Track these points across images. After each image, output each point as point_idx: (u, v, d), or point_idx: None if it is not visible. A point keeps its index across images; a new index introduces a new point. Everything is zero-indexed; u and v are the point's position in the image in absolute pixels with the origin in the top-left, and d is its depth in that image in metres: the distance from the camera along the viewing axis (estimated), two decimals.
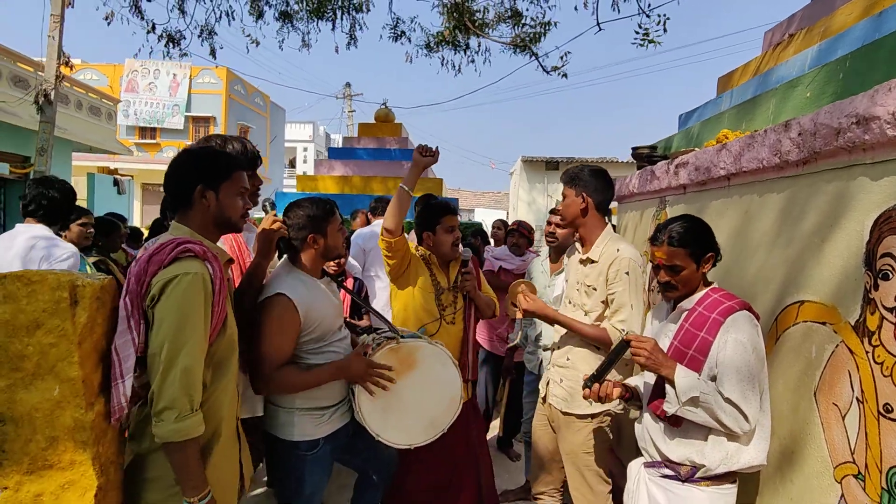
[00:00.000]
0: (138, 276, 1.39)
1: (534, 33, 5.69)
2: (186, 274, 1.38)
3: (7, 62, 9.97)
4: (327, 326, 2.00)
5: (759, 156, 1.95)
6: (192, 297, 1.38)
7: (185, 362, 1.36)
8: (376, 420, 2.02)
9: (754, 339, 1.65)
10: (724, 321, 1.67)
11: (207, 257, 1.46)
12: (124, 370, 1.38)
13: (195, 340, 1.39)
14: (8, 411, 1.31)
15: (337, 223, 2.07)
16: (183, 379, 1.36)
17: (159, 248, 1.42)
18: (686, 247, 1.75)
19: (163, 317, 1.36)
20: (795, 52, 2.52)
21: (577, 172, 2.28)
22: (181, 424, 1.35)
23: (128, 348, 1.38)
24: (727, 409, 1.61)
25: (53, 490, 1.32)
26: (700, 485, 1.70)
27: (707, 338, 1.69)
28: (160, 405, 1.35)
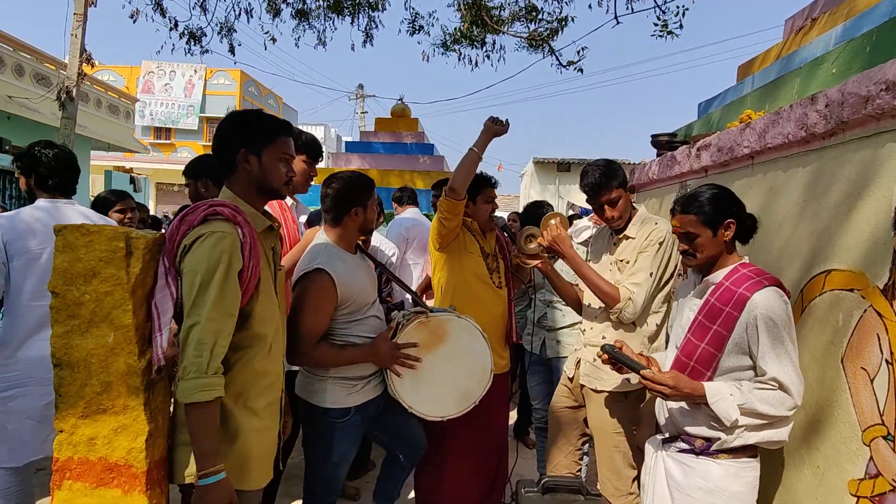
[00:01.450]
0: (171, 234, 1.43)
1: (551, 29, 5.74)
2: (213, 233, 1.38)
3: (31, 60, 10.20)
4: (363, 300, 2.05)
5: (785, 131, 1.98)
6: (216, 256, 1.36)
7: (204, 322, 1.34)
8: (409, 391, 2.06)
9: (784, 316, 1.61)
10: (750, 296, 1.62)
11: (238, 221, 1.45)
12: (162, 323, 1.42)
13: (217, 300, 1.36)
14: (65, 356, 1.37)
15: (375, 198, 2.15)
16: (201, 338, 1.33)
17: (192, 209, 1.45)
18: (698, 214, 1.72)
19: (189, 274, 1.37)
20: (819, 33, 2.55)
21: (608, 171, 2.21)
22: (194, 383, 1.32)
23: (166, 302, 1.42)
24: (768, 397, 1.58)
25: (106, 434, 1.38)
26: (717, 458, 1.66)
27: (732, 313, 1.65)
28: (181, 363, 1.35)
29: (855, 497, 1.57)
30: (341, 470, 2.13)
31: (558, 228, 2.27)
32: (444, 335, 2.12)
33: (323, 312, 1.93)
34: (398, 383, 2.05)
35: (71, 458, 1.38)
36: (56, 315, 1.36)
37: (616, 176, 2.21)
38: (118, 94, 13.73)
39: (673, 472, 1.74)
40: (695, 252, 1.75)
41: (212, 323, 1.35)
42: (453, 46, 6.94)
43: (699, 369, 1.71)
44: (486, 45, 6.32)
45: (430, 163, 6.75)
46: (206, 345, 1.34)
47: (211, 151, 1.62)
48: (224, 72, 24.80)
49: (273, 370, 1.59)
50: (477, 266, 2.53)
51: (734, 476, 1.66)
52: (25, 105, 9.61)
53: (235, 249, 1.40)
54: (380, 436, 2.30)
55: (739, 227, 1.75)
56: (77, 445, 1.38)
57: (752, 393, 1.60)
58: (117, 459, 1.38)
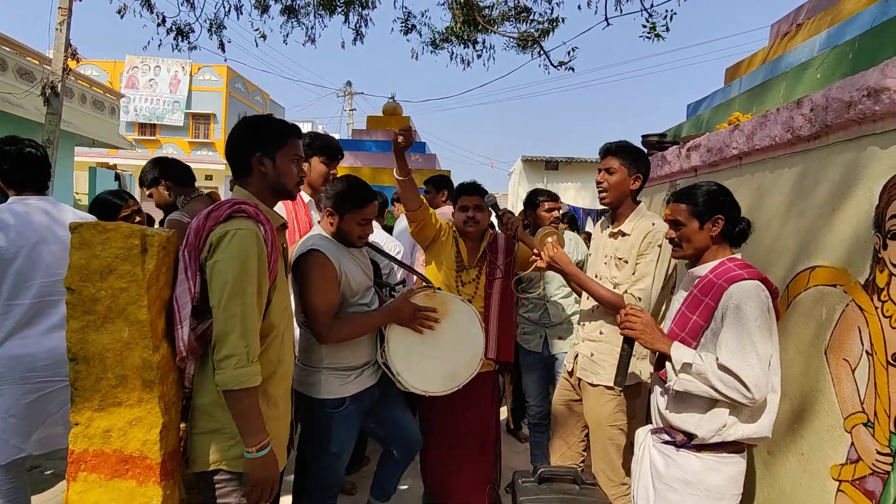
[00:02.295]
0: (197, 230, 1.48)
1: (542, 29, 5.81)
2: (241, 229, 1.46)
3: (13, 54, 10.02)
4: (356, 285, 2.10)
5: (772, 133, 2.07)
6: (247, 250, 1.44)
7: (243, 311, 1.42)
8: (400, 358, 2.11)
9: (756, 308, 1.58)
10: (728, 287, 1.63)
11: (260, 219, 1.52)
12: (182, 316, 1.48)
13: (251, 291, 1.45)
14: (80, 351, 1.40)
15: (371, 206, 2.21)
16: (241, 327, 1.41)
17: (217, 206, 1.51)
18: (688, 203, 1.75)
19: (221, 268, 1.43)
20: (804, 39, 2.65)
21: (636, 149, 2.25)
22: (240, 371, 1.40)
23: (185, 296, 1.47)
24: (724, 377, 1.58)
25: (121, 426, 1.42)
26: (698, 452, 1.69)
27: (710, 303, 1.67)
28: (222, 353, 1.41)
29: (837, 481, 1.66)
30: (341, 461, 2.18)
31: (555, 248, 2.28)
32: (446, 312, 2.20)
33: (330, 286, 2.00)
34: (393, 349, 2.11)
35: (86, 450, 1.42)
36: (72, 311, 1.39)
37: (627, 155, 2.22)
38: (103, 89, 13.53)
39: (656, 463, 1.78)
40: (680, 241, 1.79)
41: (251, 312, 1.44)
42: (442, 45, 6.99)
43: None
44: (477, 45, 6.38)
45: (423, 161, 6.79)
46: (250, 333, 1.43)
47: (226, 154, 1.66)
48: (210, 67, 24.52)
49: (286, 358, 1.67)
50: (447, 276, 2.55)
51: (713, 470, 1.67)
52: (9, 100, 9.44)
53: (262, 244, 1.49)
54: (376, 429, 2.35)
55: (730, 226, 1.77)
56: (92, 438, 1.41)
57: (710, 363, 1.61)
58: (132, 451, 1.42)
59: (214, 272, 1.44)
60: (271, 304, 1.58)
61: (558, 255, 2.26)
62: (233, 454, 1.51)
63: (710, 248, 1.78)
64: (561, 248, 2.30)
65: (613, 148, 2.27)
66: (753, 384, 1.55)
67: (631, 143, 2.29)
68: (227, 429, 1.50)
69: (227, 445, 1.51)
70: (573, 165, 17.95)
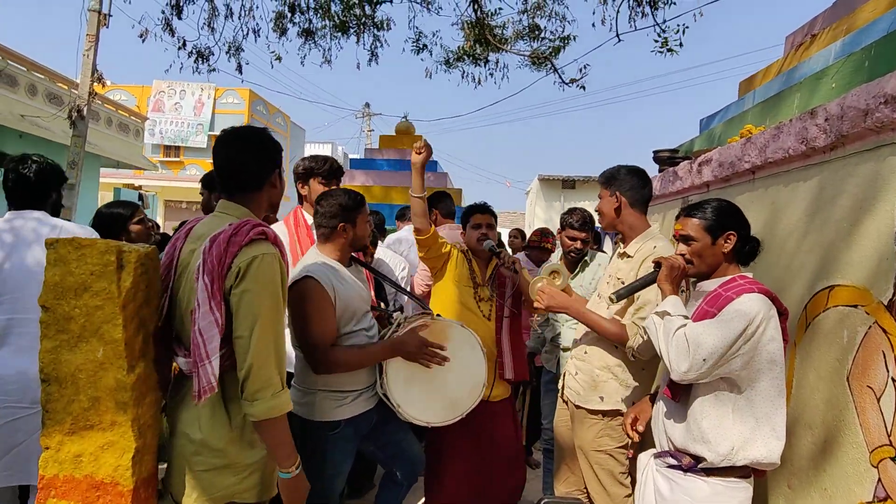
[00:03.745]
0: (219, 256, 1.37)
1: (553, 47, 5.79)
2: (266, 254, 1.41)
3: (44, 80, 10.41)
4: (353, 310, 2.04)
5: (785, 145, 1.96)
6: (275, 277, 1.42)
7: (276, 341, 1.39)
8: (399, 391, 2.04)
9: (752, 313, 1.54)
10: (736, 298, 1.59)
11: (278, 242, 1.49)
12: (210, 350, 1.36)
13: (281, 319, 1.43)
14: (53, 372, 1.35)
15: (366, 214, 2.16)
16: (276, 357, 1.39)
17: (237, 229, 1.41)
18: (700, 218, 1.72)
19: (251, 298, 1.37)
20: (819, 49, 2.55)
21: (612, 172, 2.27)
22: (277, 401, 1.39)
23: (211, 329, 1.35)
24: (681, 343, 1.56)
25: (93, 451, 1.36)
26: (706, 476, 1.62)
27: (714, 312, 1.63)
28: (255, 386, 1.36)
29: None
30: (336, 484, 2.11)
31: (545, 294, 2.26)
32: (446, 339, 2.12)
33: (326, 314, 1.93)
34: (392, 380, 2.03)
35: (56, 475, 1.36)
36: (45, 330, 1.35)
37: (609, 179, 2.25)
38: (128, 112, 13.95)
39: (661, 488, 1.71)
40: (692, 259, 1.74)
41: (282, 340, 1.43)
42: (455, 64, 7.03)
43: None
44: (489, 63, 6.39)
45: (434, 179, 6.79)
46: (281, 362, 1.43)
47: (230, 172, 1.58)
48: (233, 91, 25.17)
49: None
50: (464, 294, 2.56)
51: (721, 495, 1.61)
52: (37, 123, 9.78)
53: (283, 269, 1.47)
54: (376, 452, 2.27)
55: (741, 244, 1.72)
56: (63, 463, 1.36)
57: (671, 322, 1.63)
58: (103, 477, 1.36)
59: (243, 301, 1.37)
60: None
61: (550, 300, 2.26)
62: (245, 486, 1.48)
63: (721, 265, 1.74)
64: (553, 291, 2.29)
65: (600, 177, 2.32)
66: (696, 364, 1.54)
67: (616, 167, 2.29)
68: (238, 463, 1.47)
69: (238, 479, 1.47)
70: (591, 184, 17.82)
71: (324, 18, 6.84)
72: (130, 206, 2.90)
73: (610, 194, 2.23)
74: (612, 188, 2.23)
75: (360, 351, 2.01)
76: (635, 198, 2.22)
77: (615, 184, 2.23)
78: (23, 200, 2.12)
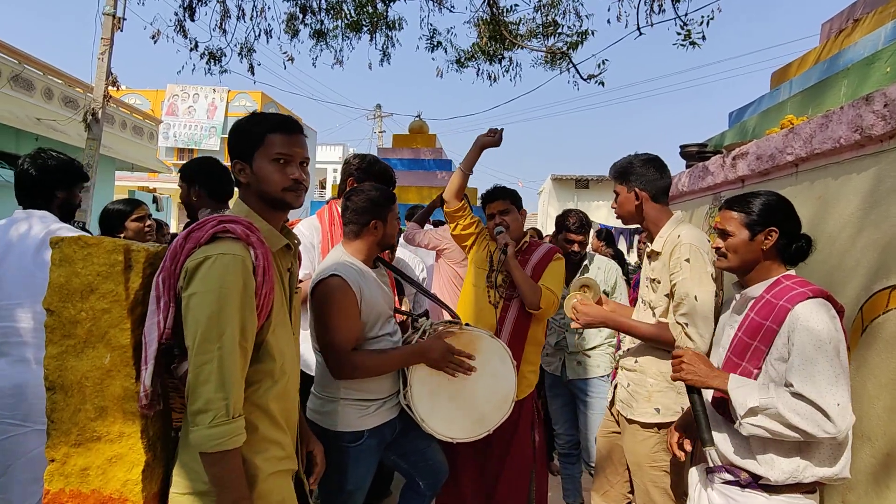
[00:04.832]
0: (174, 253, 1.25)
1: (570, 43, 5.66)
2: (223, 255, 1.21)
3: (60, 83, 10.49)
4: (377, 314, 1.93)
5: (836, 135, 1.82)
6: (229, 281, 1.20)
7: (220, 356, 1.17)
8: (424, 403, 1.92)
9: (829, 329, 1.42)
10: (792, 308, 1.47)
11: (251, 241, 1.27)
12: (147, 356, 1.24)
13: (232, 332, 1.19)
14: (58, 379, 1.27)
15: (396, 212, 2.06)
16: (218, 375, 1.17)
17: (200, 225, 1.27)
18: (741, 211, 1.61)
19: (196, 303, 1.19)
20: (865, 33, 2.40)
21: (625, 165, 2.12)
22: (216, 431, 1.16)
23: (152, 332, 1.23)
24: (800, 407, 1.38)
25: (100, 464, 1.27)
26: (767, 493, 1.50)
27: (772, 327, 1.50)
28: (195, 406, 1.18)
29: None
30: (357, 498, 2.00)
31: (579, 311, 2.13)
32: (475, 351, 1.99)
33: (350, 316, 1.82)
34: (416, 392, 1.92)
35: (62, 490, 1.27)
36: (50, 335, 1.27)
37: (623, 173, 2.11)
38: (142, 115, 14.05)
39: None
40: (725, 252, 1.65)
41: (231, 358, 1.19)
42: (467, 63, 6.92)
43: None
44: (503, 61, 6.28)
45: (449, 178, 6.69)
46: (229, 383, 1.18)
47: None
48: (245, 94, 25.35)
49: (284, 406, 1.41)
50: (478, 277, 2.51)
51: None
52: (53, 127, 9.85)
53: (249, 273, 1.24)
54: (399, 462, 2.16)
55: (785, 242, 1.60)
56: (69, 476, 1.27)
57: (779, 393, 1.42)
58: (111, 492, 1.27)
59: (189, 307, 1.20)
60: (266, 345, 1.32)
61: (586, 318, 2.13)
62: None
63: (760, 263, 1.62)
64: (588, 305, 2.16)
65: (611, 171, 2.18)
66: (835, 413, 1.36)
67: (629, 158, 2.13)
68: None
69: None
70: (604, 184, 17.59)
71: (336, 18, 6.78)
72: (134, 203, 2.82)
73: (627, 190, 2.08)
74: (629, 183, 2.08)
75: (383, 355, 1.90)
76: (656, 189, 2.06)
77: (632, 178, 2.08)
78: (26, 199, 2.02)
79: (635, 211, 2.09)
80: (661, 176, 2.10)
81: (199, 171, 2.28)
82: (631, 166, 2.10)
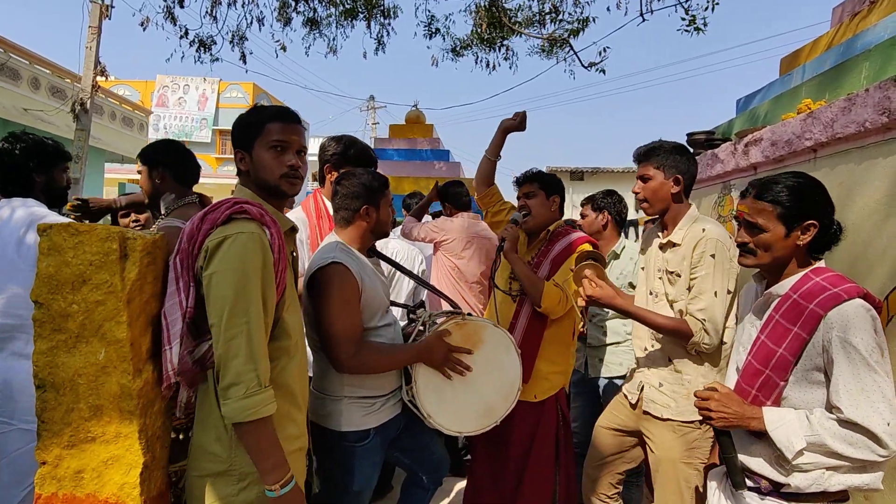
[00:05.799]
0: (191, 234, 1.27)
1: (571, 29, 5.57)
2: (241, 233, 1.25)
3: (47, 73, 10.26)
4: (377, 304, 1.86)
5: (860, 118, 1.76)
6: (250, 258, 1.24)
7: (248, 330, 1.21)
8: (430, 398, 1.85)
9: (870, 338, 1.27)
10: (824, 315, 1.30)
11: (265, 221, 1.32)
12: (172, 335, 1.25)
13: (257, 306, 1.24)
14: (49, 377, 1.18)
15: (389, 198, 1.97)
16: (248, 348, 1.21)
17: (215, 206, 1.30)
18: (775, 204, 1.39)
19: (219, 280, 1.22)
20: (883, 15, 2.34)
21: (665, 150, 1.98)
22: (249, 401, 1.20)
23: (175, 311, 1.25)
24: (850, 436, 1.26)
25: (95, 466, 1.19)
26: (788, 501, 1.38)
27: (801, 334, 1.34)
28: (226, 381, 1.21)
29: None
30: (363, 498, 1.93)
31: (600, 286, 1.99)
32: (478, 342, 1.92)
33: (352, 307, 1.74)
34: (422, 388, 1.85)
35: (55, 494, 1.19)
36: (39, 329, 1.18)
37: (660, 156, 1.97)
38: (132, 106, 13.81)
39: None
40: (755, 250, 1.45)
41: (258, 331, 1.24)
42: (462, 52, 6.82)
43: (761, 399, 1.42)
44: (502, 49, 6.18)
45: (446, 169, 6.58)
46: (258, 354, 1.23)
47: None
48: (237, 85, 25.01)
49: (299, 384, 1.45)
50: (503, 267, 2.37)
51: None
52: (41, 117, 9.64)
53: (268, 250, 1.29)
54: (400, 458, 2.10)
55: (821, 234, 1.40)
56: (62, 480, 1.19)
57: (823, 424, 1.29)
58: (108, 496, 1.19)
59: (212, 285, 1.23)
60: (282, 322, 1.37)
61: (598, 291, 1.98)
62: (242, 499, 1.29)
63: (792, 259, 1.43)
64: (602, 282, 2.01)
65: (644, 152, 2.01)
66: (888, 434, 1.23)
67: (667, 142, 2.01)
68: (234, 470, 1.29)
69: (235, 490, 1.29)
70: (599, 175, 17.56)
71: (329, 6, 6.64)
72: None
73: (665, 176, 1.95)
74: (668, 169, 1.95)
75: (388, 351, 1.83)
76: (691, 180, 1.98)
77: (670, 163, 1.95)
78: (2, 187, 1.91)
79: (670, 198, 1.97)
80: (694, 166, 2.01)
81: (162, 150, 2.10)
82: (671, 152, 1.97)
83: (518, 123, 2.47)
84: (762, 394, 1.41)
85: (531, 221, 2.34)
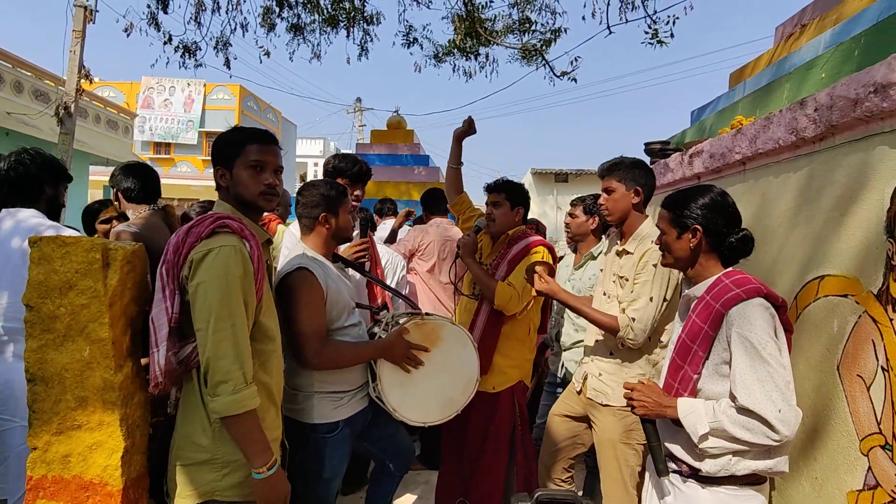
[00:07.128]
0: (176, 246, 1.39)
1: (544, 40, 5.77)
2: (224, 246, 1.37)
3: (30, 76, 10.26)
4: (342, 306, 2.02)
5: (775, 136, 1.97)
6: (232, 269, 1.36)
7: (234, 333, 1.35)
8: (395, 395, 2.02)
9: (763, 333, 1.40)
10: (726, 313, 1.45)
11: (245, 234, 1.44)
12: (159, 339, 1.37)
13: (240, 311, 1.37)
14: (39, 371, 1.33)
15: (349, 205, 2.14)
16: (234, 350, 1.34)
17: (199, 221, 1.42)
18: (669, 210, 1.61)
19: (204, 289, 1.35)
20: (809, 39, 2.55)
21: (628, 164, 2.16)
22: (237, 396, 1.34)
23: (161, 317, 1.37)
24: (745, 422, 1.40)
25: (81, 451, 1.34)
26: (705, 485, 1.51)
27: (709, 332, 1.49)
28: (215, 379, 1.34)
29: None
30: (333, 486, 2.09)
31: (547, 280, 2.23)
32: (437, 340, 2.09)
33: (317, 308, 1.90)
34: (387, 385, 2.01)
35: (45, 476, 1.34)
36: (30, 329, 1.33)
37: (621, 171, 2.15)
38: (117, 109, 13.79)
39: (665, 495, 1.63)
40: (664, 250, 1.67)
41: (242, 333, 1.38)
42: (444, 58, 6.99)
43: (680, 391, 1.57)
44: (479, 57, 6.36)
45: (426, 174, 6.75)
46: (243, 355, 1.37)
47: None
48: (223, 87, 24.98)
49: (275, 381, 1.59)
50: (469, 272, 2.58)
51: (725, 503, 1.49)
52: (24, 121, 9.65)
53: (247, 261, 1.42)
54: (370, 448, 2.26)
55: (712, 239, 1.55)
56: (51, 463, 1.34)
57: (725, 413, 1.43)
58: (92, 477, 1.34)
59: (198, 293, 1.35)
60: (259, 326, 1.50)
61: (545, 285, 2.22)
62: (226, 484, 1.42)
63: (698, 260, 1.58)
64: (549, 278, 2.26)
65: (608, 167, 2.21)
66: (780, 420, 1.37)
67: (628, 157, 2.20)
68: (217, 459, 1.42)
69: (218, 476, 1.42)
70: (583, 178, 17.84)
71: (312, 13, 6.77)
72: (105, 204, 2.84)
73: (627, 188, 2.12)
74: (632, 182, 2.12)
75: (351, 348, 1.99)
76: (649, 193, 2.16)
77: (634, 177, 2.12)
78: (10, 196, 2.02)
79: (630, 209, 2.15)
80: (652, 181, 2.21)
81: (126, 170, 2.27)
82: (631, 167, 2.15)
83: (467, 128, 2.68)
84: (681, 386, 1.57)
85: (493, 228, 2.56)
